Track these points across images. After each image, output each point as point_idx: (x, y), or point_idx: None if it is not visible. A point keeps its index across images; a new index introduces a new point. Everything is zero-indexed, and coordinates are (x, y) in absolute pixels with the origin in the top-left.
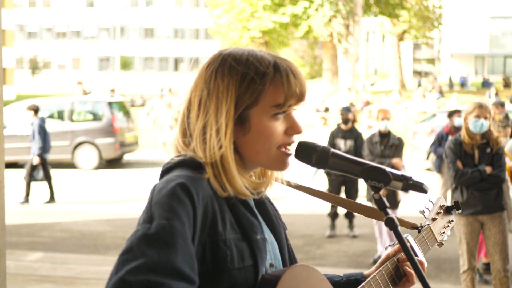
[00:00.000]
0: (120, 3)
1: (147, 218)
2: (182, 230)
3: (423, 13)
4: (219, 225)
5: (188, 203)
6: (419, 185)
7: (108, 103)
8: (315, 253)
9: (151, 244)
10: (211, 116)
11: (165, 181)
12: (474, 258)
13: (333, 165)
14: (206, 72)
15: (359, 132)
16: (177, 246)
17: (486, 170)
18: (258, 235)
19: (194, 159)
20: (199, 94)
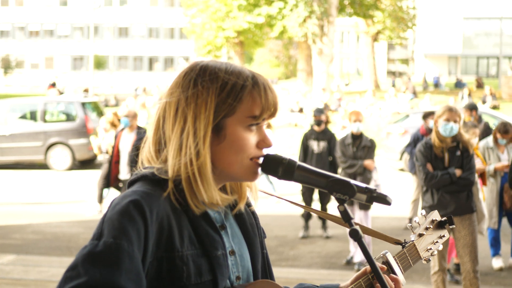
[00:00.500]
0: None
1: (96, 234)
2: (129, 249)
3: (397, 14)
4: (176, 241)
5: (140, 221)
6: (383, 197)
7: (81, 103)
8: (288, 254)
9: (95, 264)
10: (189, 123)
11: (122, 197)
12: (445, 260)
13: (299, 177)
14: (184, 80)
15: (332, 133)
16: (122, 265)
17: (455, 173)
18: (219, 251)
19: (156, 175)
20: (176, 101)
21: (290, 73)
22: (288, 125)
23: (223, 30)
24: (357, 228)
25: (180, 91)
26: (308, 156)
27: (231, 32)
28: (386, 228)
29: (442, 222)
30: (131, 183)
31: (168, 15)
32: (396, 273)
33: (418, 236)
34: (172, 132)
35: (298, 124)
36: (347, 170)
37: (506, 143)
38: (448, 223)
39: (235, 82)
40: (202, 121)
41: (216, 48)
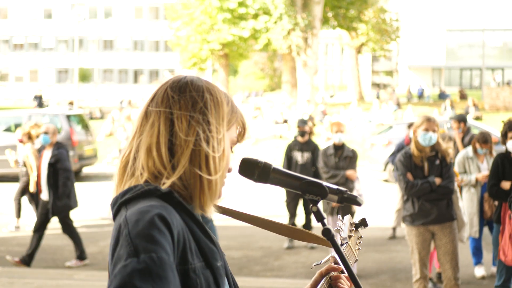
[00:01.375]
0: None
1: (131, 252)
2: (169, 261)
3: (380, 26)
4: (189, 254)
5: (168, 234)
6: (354, 198)
7: (66, 116)
8: (273, 264)
9: (144, 279)
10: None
11: (138, 213)
12: (426, 267)
13: (274, 180)
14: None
15: (316, 144)
16: (169, 278)
17: (435, 181)
18: (219, 262)
19: (159, 189)
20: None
21: (275, 85)
22: (272, 137)
23: (208, 42)
24: (329, 228)
25: (184, 104)
26: (292, 166)
27: (216, 44)
28: (370, 238)
29: (357, 224)
30: (128, 201)
31: (153, 28)
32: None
33: (348, 238)
34: (185, 143)
35: (283, 135)
36: (330, 180)
37: (486, 153)
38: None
39: (232, 105)
40: (216, 137)
41: (201, 61)
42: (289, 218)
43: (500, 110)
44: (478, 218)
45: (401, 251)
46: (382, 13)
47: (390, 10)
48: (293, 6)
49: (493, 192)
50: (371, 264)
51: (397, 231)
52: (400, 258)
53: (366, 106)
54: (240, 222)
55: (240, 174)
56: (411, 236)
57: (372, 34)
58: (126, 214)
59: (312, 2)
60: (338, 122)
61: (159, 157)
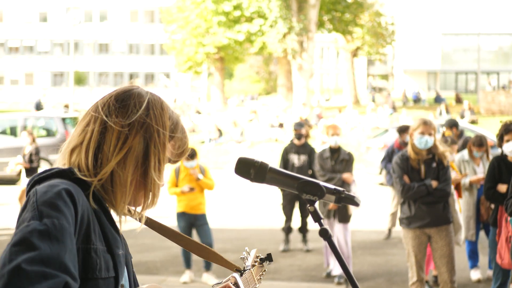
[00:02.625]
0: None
1: (35, 215)
2: (69, 229)
3: (376, 30)
4: (92, 235)
5: (72, 207)
6: (351, 198)
7: (61, 119)
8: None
9: (44, 238)
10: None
11: (48, 186)
12: (422, 270)
13: (270, 179)
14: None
15: (312, 147)
16: (66, 243)
17: (432, 184)
18: (120, 250)
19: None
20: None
21: (270, 88)
22: (268, 140)
23: (203, 46)
24: (327, 228)
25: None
26: (289, 169)
27: (211, 48)
28: (366, 241)
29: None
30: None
31: (149, 31)
32: None
33: (251, 266)
34: (116, 148)
35: (278, 139)
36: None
37: (481, 156)
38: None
39: (175, 125)
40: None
41: (197, 64)
42: (285, 221)
43: (496, 114)
44: (475, 221)
45: (397, 254)
46: (377, 17)
47: (386, 14)
48: (288, 10)
49: (490, 195)
50: (367, 267)
51: (392, 231)
52: (396, 261)
53: (361, 109)
54: (235, 225)
55: (236, 174)
56: (408, 239)
57: (368, 37)
58: (36, 188)
59: (308, 5)
60: (334, 125)
61: (85, 158)
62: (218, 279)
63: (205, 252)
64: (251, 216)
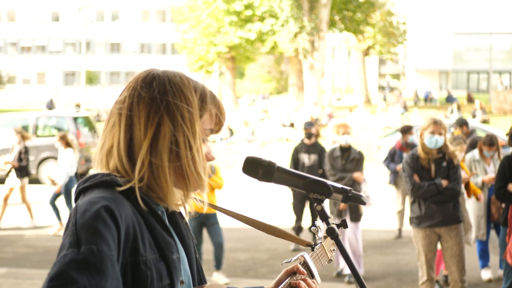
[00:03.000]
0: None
1: (73, 242)
2: (110, 254)
3: (387, 29)
4: (140, 246)
5: (113, 226)
6: (358, 197)
7: (73, 118)
8: (279, 266)
9: (81, 270)
10: (165, 130)
11: (88, 203)
12: (433, 270)
13: (278, 178)
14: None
15: (323, 146)
16: (107, 271)
17: (442, 183)
18: (174, 255)
19: (116, 180)
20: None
21: (281, 88)
22: (279, 140)
23: (215, 45)
24: (333, 227)
25: (149, 98)
26: (299, 169)
27: (223, 47)
28: (376, 240)
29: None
30: (83, 190)
31: (160, 31)
32: (314, 275)
33: (323, 238)
34: (145, 138)
35: (289, 138)
36: (337, 183)
37: (492, 155)
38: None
39: (201, 95)
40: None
41: (208, 63)
42: (295, 221)
43: (508, 114)
44: (485, 220)
45: (407, 254)
46: (389, 16)
47: (397, 13)
48: (299, 9)
49: (500, 195)
50: (377, 267)
51: (402, 231)
52: (406, 260)
53: (372, 109)
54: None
55: (244, 173)
56: (418, 239)
57: (379, 37)
58: (78, 203)
59: (319, 5)
60: (345, 123)
61: (119, 160)
62: (228, 278)
63: (272, 230)
64: (261, 215)
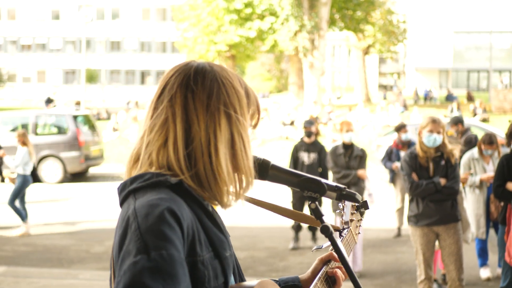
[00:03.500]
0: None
1: (141, 248)
2: (179, 258)
3: (387, 28)
4: (197, 246)
5: (178, 228)
6: (352, 195)
7: (73, 116)
8: (278, 265)
9: (155, 277)
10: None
11: (148, 206)
12: (431, 268)
13: (272, 176)
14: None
15: (322, 145)
16: (179, 275)
17: (440, 182)
18: (227, 252)
19: (169, 180)
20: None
21: (281, 86)
22: (279, 138)
23: (215, 43)
24: (328, 224)
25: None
26: (298, 167)
27: (223, 45)
28: (375, 239)
29: (359, 206)
30: (136, 190)
31: (160, 29)
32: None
33: (350, 222)
34: (205, 134)
35: (289, 137)
36: (341, 180)
37: (491, 154)
38: (363, 207)
39: (246, 89)
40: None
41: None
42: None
43: (507, 112)
44: (485, 219)
45: (406, 252)
46: (389, 15)
47: (397, 12)
48: (299, 8)
49: (499, 193)
50: (377, 265)
51: (402, 229)
52: (406, 259)
53: (372, 107)
54: (245, 222)
55: None
56: (416, 237)
57: (379, 35)
58: (135, 206)
59: (319, 3)
60: (348, 121)
61: (175, 155)
62: None
63: (301, 216)
64: (261, 214)
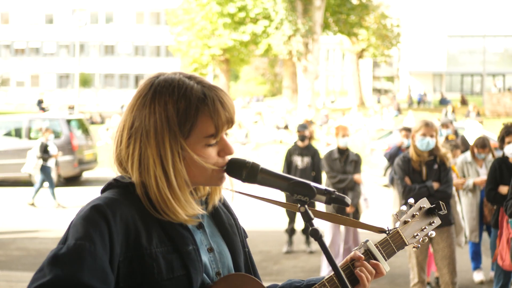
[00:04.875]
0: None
1: (63, 239)
2: (91, 248)
3: (381, 32)
4: (143, 240)
5: (103, 224)
6: (341, 198)
7: (66, 120)
8: (272, 269)
9: (58, 264)
10: (152, 147)
11: (86, 204)
12: (424, 272)
13: (262, 180)
14: (140, 102)
15: (316, 149)
16: (84, 263)
17: (433, 186)
18: (190, 246)
19: (119, 180)
20: (131, 123)
21: (276, 90)
22: (273, 142)
23: (209, 47)
24: (317, 228)
25: (137, 112)
26: (292, 171)
27: (217, 49)
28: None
29: (431, 209)
30: (101, 192)
31: (154, 33)
32: (377, 259)
33: (403, 223)
34: (132, 152)
35: (283, 141)
36: (337, 185)
37: (484, 157)
38: (437, 209)
39: (186, 105)
40: (166, 146)
41: (202, 66)
42: (288, 223)
43: (501, 116)
44: (478, 222)
45: (400, 256)
46: (383, 19)
47: (391, 16)
48: (293, 12)
49: (491, 197)
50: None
51: None
52: (399, 262)
53: (366, 111)
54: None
55: (228, 174)
56: None
57: (373, 39)
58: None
59: (313, 7)
60: (344, 125)
61: (116, 159)
62: None
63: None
64: (254, 217)
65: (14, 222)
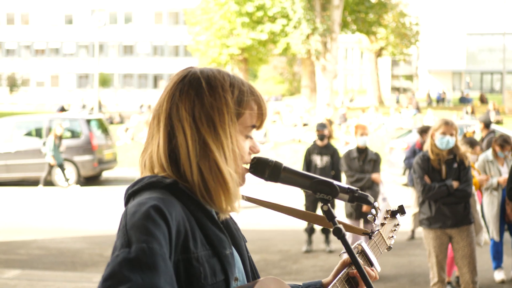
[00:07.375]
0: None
1: (124, 242)
2: (161, 251)
3: (400, 30)
4: (191, 243)
5: (163, 224)
6: (364, 197)
7: (86, 120)
8: (291, 268)
9: (134, 268)
10: (205, 133)
11: (137, 205)
12: (444, 271)
13: (285, 179)
14: (188, 93)
15: (335, 148)
16: (159, 268)
17: (452, 184)
18: (227, 250)
19: (163, 181)
20: (183, 113)
21: (294, 89)
22: (292, 141)
23: (227, 47)
24: (340, 227)
25: (186, 99)
26: (311, 170)
27: (235, 49)
28: None
29: (394, 211)
30: (133, 193)
31: (173, 33)
32: (372, 261)
33: (381, 226)
34: (186, 140)
35: (302, 140)
36: (355, 184)
37: (506, 156)
38: (400, 212)
39: (239, 92)
40: (220, 132)
41: (221, 65)
42: (307, 223)
43: None
44: (499, 221)
45: (420, 255)
46: (401, 17)
47: (410, 14)
48: (312, 11)
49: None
50: (390, 268)
51: (415, 232)
52: (419, 262)
53: (385, 110)
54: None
55: (251, 173)
56: (428, 240)
57: (392, 38)
58: (128, 206)
59: (331, 6)
60: (363, 124)
61: (158, 158)
62: None
63: (324, 221)
64: (274, 216)
65: (35, 221)
